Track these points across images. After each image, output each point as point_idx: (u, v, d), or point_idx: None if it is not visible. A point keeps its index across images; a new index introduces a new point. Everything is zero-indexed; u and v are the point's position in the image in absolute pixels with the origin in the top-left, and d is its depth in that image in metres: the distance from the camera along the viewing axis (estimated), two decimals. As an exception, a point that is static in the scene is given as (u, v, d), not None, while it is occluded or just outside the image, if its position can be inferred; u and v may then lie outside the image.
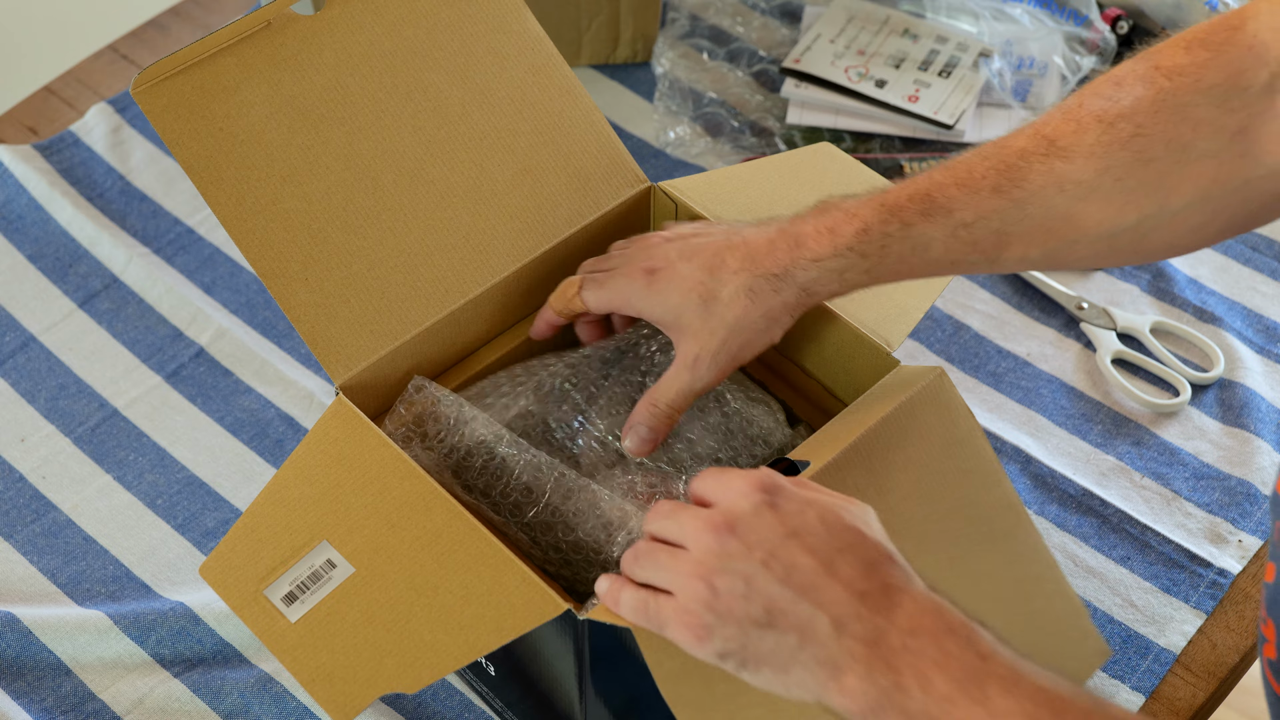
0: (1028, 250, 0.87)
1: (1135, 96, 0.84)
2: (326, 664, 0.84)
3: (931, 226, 0.87)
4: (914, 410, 0.90)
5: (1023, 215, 0.86)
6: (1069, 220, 0.86)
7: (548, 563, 0.91)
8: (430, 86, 1.00)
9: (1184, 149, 0.83)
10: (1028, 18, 1.45)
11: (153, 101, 0.93)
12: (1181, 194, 0.84)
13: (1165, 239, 0.87)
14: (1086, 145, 0.85)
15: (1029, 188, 0.86)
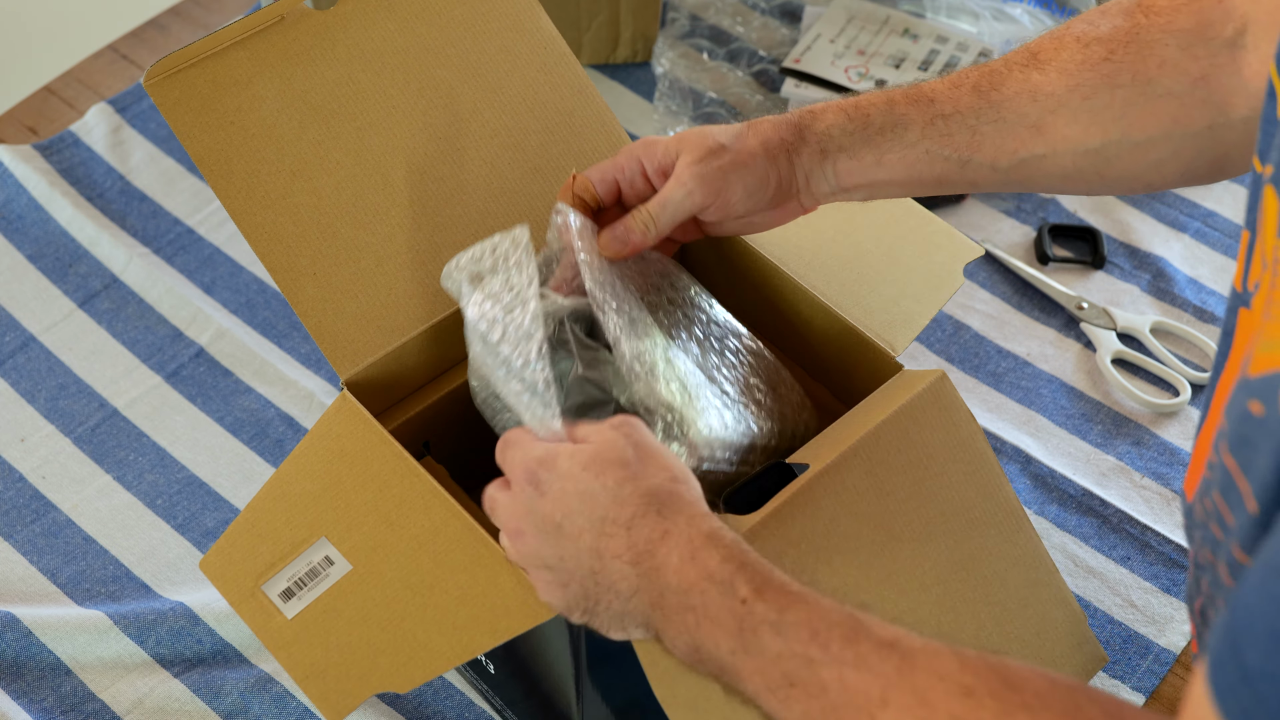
0: (997, 156, 0.91)
1: (1113, 25, 0.89)
2: (320, 661, 0.84)
3: (912, 109, 0.91)
4: (915, 413, 0.90)
5: (996, 117, 0.90)
6: (1038, 130, 0.89)
7: None
8: (442, 83, 1.00)
9: (1149, 83, 0.87)
10: (1028, 17, 1.45)
11: (165, 94, 0.93)
12: (1144, 127, 0.88)
13: (1127, 168, 0.90)
14: (1061, 61, 0.89)
15: (1005, 92, 0.90)
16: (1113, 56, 0.88)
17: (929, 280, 1.02)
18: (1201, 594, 0.77)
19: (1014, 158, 0.90)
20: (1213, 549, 0.72)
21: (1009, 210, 1.37)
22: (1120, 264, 1.33)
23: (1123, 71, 0.87)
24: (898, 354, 0.97)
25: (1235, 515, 0.65)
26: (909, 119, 0.91)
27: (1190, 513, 0.76)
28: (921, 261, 1.03)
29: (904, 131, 0.91)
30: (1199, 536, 0.75)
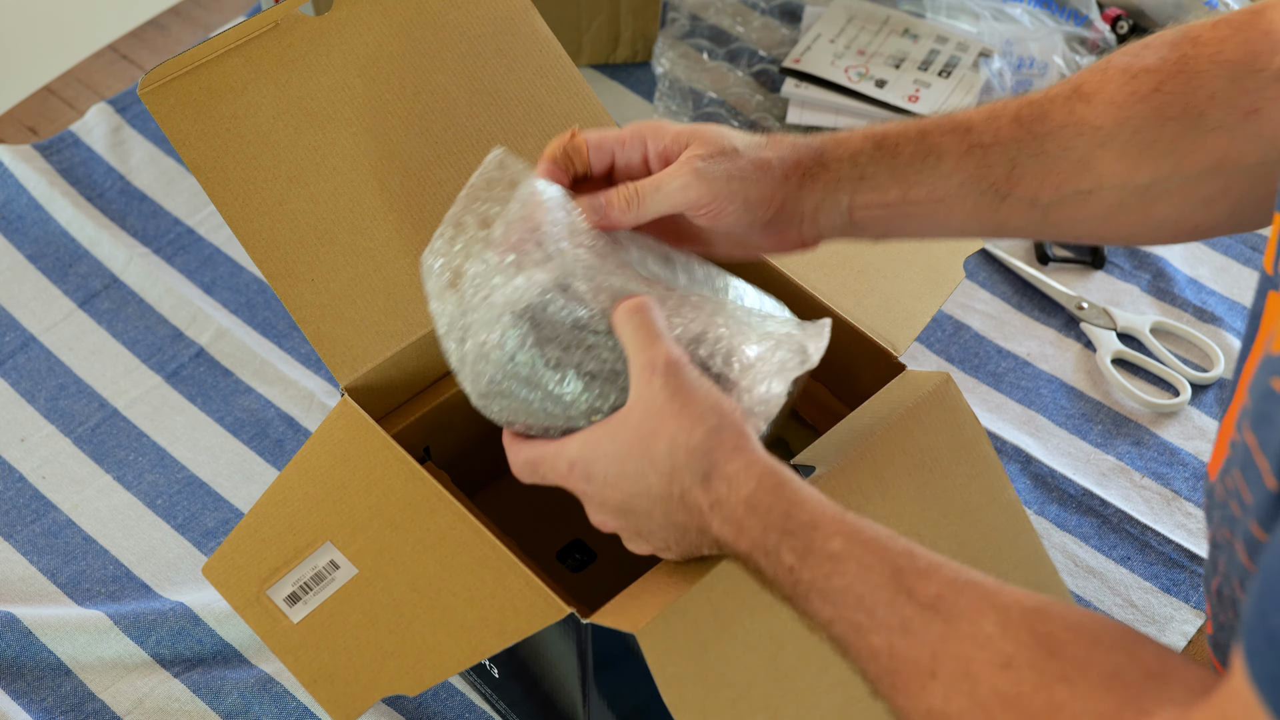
0: (1038, 191, 0.86)
1: (1160, 57, 0.85)
2: (328, 665, 0.84)
3: (947, 139, 0.86)
4: (920, 416, 0.90)
5: (1039, 150, 0.85)
6: (1083, 165, 0.85)
7: None
8: (438, 88, 1.00)
9: (1199, 116, 0.83)
10: (1028, 18, 1.45)
11: (160, 102, 0.93)
12: (1195, 161, 0.84)
13: (1175, 206, 0.86)
14: (1108, 93, 0.85)
15: (1049, 124, 0.86)
16: (1162, 88, 0.84)
17: (929, 277, 1.02)
18: (1218, 574, 0.77)
19: (1056, 194, 0.86)
20: (1231, 528, 0.72)
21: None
22: (1120, 264, 1.34)
23: (1173, 104, 0.84)
24: (899, 354, 0.97)
25: (1253, 492, 0.65)
26: (943, 148, 0.86)
27: (1211, 492, 0.76)
28: (921, 257, 1.03)
29: (937, 162, 0.86)
30: (1218, 516, 0.75)
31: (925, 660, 0.68)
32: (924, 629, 0.68)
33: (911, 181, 0.86)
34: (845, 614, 0.71)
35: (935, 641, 0.68)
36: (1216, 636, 0.82)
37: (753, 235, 0.88)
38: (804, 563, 0.73)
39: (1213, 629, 0.82)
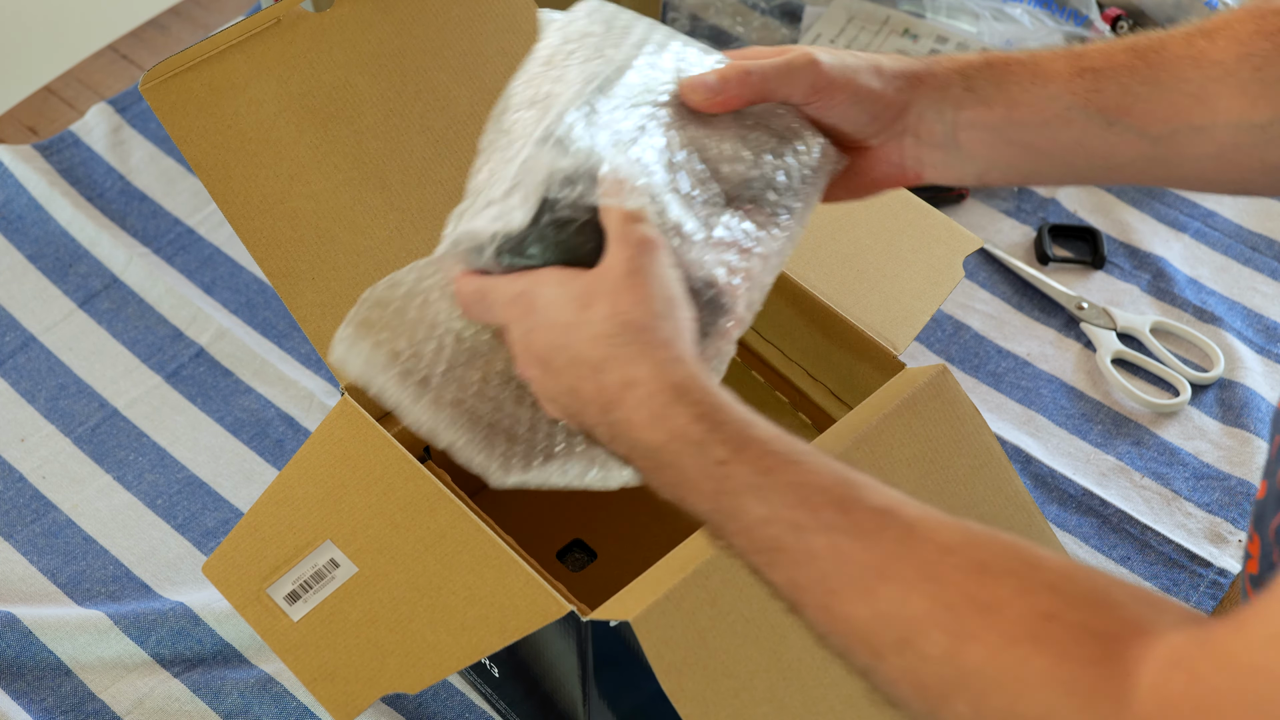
0: (1149, 123, 0.82)
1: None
2: (329, 663, 0.84)
3: (1058, 62, 0.83)
4: (918, 407, 0.90)
5: (1153, 79, 0.82)
6: (1199, 99, 0.82)
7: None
8: (439, 86, 1.00)
9: None
10: (1028, 18, 1.45)
11: (161, 98, 0.93)
12: None
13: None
14: (1233, 29, 0.82)
15: (1166, 55, 0.82)
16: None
17: (929, 275, 1.02)
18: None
19: (1168, 126, 0.82)
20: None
21: (1009, 210, 1.37)
22: (1120, 264, 1.34)
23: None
24: (899, 352, 0.97)
25: None
26: (1053, 70, 0.82)
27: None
28: (920, 256, 1.03)
29: (1046, 83, 0.82)
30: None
31: (876, 561, 0.62)
32: (878, 530, 0.63)
33: (1018, 100, 0.83)
34: (783, 513, 0.64)
35: (890, 544, 0.62)
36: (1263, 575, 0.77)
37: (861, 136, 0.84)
38: (739, 456, 0.66)
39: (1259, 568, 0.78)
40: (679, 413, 0.68)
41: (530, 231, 0.74)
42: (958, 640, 0.59)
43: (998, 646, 0.59)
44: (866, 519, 0.63)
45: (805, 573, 0.64)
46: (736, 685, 0.80)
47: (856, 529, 0.63)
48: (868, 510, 0.64)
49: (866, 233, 1.03)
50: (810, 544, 0.64)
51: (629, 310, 0.70)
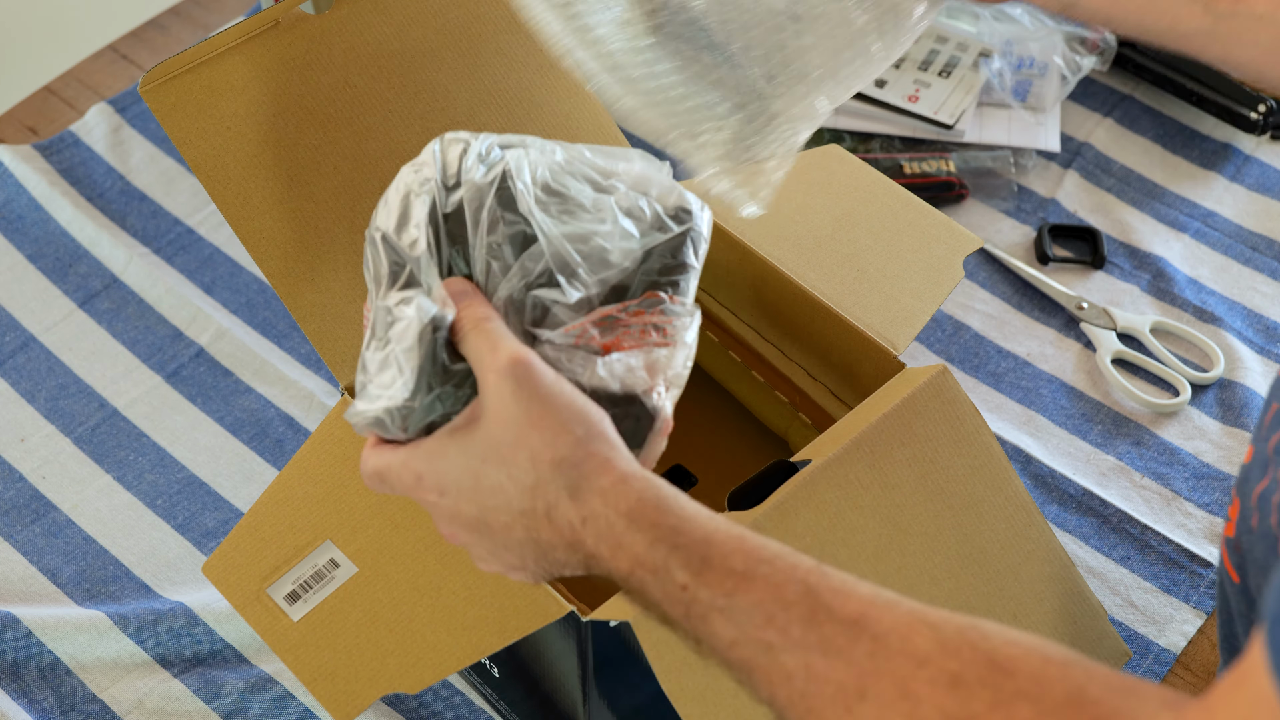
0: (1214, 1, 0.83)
1: None
2: (328, 663, 0.84)
3: None
4: (917, 407, 0.90)
5: None
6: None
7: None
8: (438, 87, 1.00)
9: None
10: (1028, 18, 1.45)
11: (160, 100, 0.93)
12: None
13: None
14: None
15: None
16: None
17: (928, 275, 1.02)
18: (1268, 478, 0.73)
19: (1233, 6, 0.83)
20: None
21: (1009, 210, 1.37)
22: (1120, 264, 1.34)
23: None
24: (899, 352, 0.97)
25: None
26: None
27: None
28: (920, 255, 1.03)
29: None
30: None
31: (852, 681, 0.61)
32: (849, 646, 0.62)
33: None
34: (752, 633, 0.64)
35: (863, 660, 0.61)
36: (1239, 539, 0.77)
37: None
38: (700, 579, 0.65)
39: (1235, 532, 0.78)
40: (635, 540, 0.67)
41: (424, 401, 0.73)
42: None
43: None
44: (836, 634, 0.63)
45: (783, 693, 0.63)
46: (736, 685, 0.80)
47: (827, 646, 0.62)
48: (837, 624, 0.63)
49: (866, 233, 1.03)
50: (783, 664, 0.63)
51: (548, 449, 0.68)
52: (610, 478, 0.68)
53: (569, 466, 0.68)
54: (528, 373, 0.69)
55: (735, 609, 0.65)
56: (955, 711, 0.59)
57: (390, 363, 0.74)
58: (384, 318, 0.75)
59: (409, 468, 0.73)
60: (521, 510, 0.69)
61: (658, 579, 0.67)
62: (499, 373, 0.69)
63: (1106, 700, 0.58)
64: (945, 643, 0.61)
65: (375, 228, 0.77)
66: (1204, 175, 1.41)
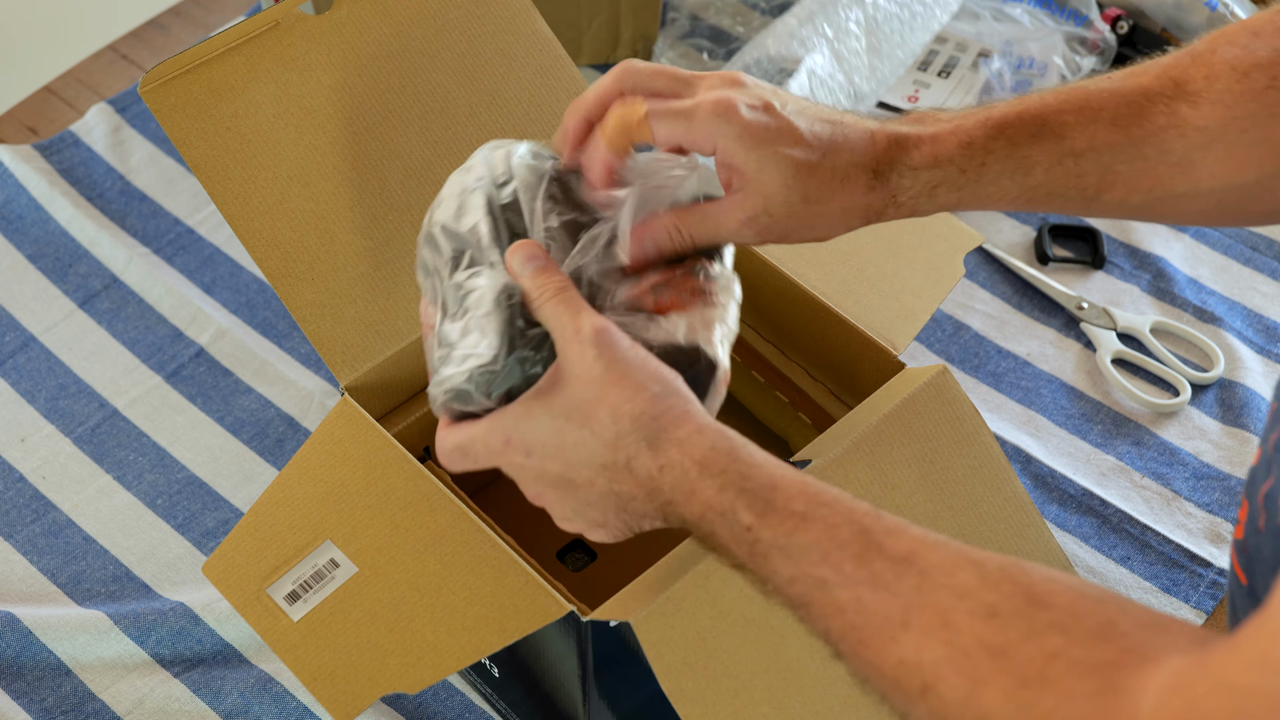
0: (1129, 195, 0.83)
1: (1273, 48, 0.80)
2: (328, 663, 0.84)
3: (1038, 150, 0.82)
4: (917, 407, 0.90)
5: (1136, 155, 0.82)
6: (1183, 169, 0.82)
7: None
8: (438, 87, 1.00)
9: None
10: (1028, 18, 1.45)
11: (160, 101, 0.93)
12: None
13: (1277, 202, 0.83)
14: (1215, 92, 0.81)
15: (1149, 127, 0.81)
16: (1276, 84, 0.79)
17: (929, 273, 1.02)
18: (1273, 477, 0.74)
19: (1149, 195, 0.83)
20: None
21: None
22: (1120, 264, 1.34)
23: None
24: (899, 352, 0.97)
25: None
26: (1033, 161, 0.82)
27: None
28: (920, 254, 1.03)
29: (1025, 175, 0.82)
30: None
31: (897, 612, 0.65)
32: (896, 581, 0.66)
33: (994, 196, 0.83)
34: (809, 570, 0.68)
35: (909, 593, 0.65)
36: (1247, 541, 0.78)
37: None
38: (763, 521, 0.70)
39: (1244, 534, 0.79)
40: (707, 486, 0.71)
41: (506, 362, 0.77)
42: (974, 684, 0.62)
43: (1009, 689, 0.61)
44: (885, 570, 0.66)
45: (836, 625, 0.67)
46: (736, 685, 0.80)
47: (876, 581, 0.66)
48: (886, 561, 0.67)
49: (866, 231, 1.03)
50: (836, 598, 0.67)
51: (628, 404, 0.73)
52: (685, 429, 0.73)
53: (647, 420, 0.73)
54: (608, 339, 0.75)
55: (794, 547, 0.69)
56: (991, 639, 0.62)
57: (472, 328, 0.78)
58: (455, 294, 0.79)
59: (496, 432, 0.77)
60: (604, 464, 0.74)
61: (725, 521, 0.71)
62: (582, 340, 0.75)
63: (1136, 634, 0.60)
64: (986, 577, 0.64)
65: (432, 223, 0.82)
66: (1204, 175, 1.41)
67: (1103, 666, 0.59)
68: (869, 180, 0.81)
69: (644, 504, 0.74)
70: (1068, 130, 0.82)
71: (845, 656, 0.67)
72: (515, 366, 0.77)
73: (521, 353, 0.77)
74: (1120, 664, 0.59)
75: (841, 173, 0.80)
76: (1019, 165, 0.82)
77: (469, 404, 0.78)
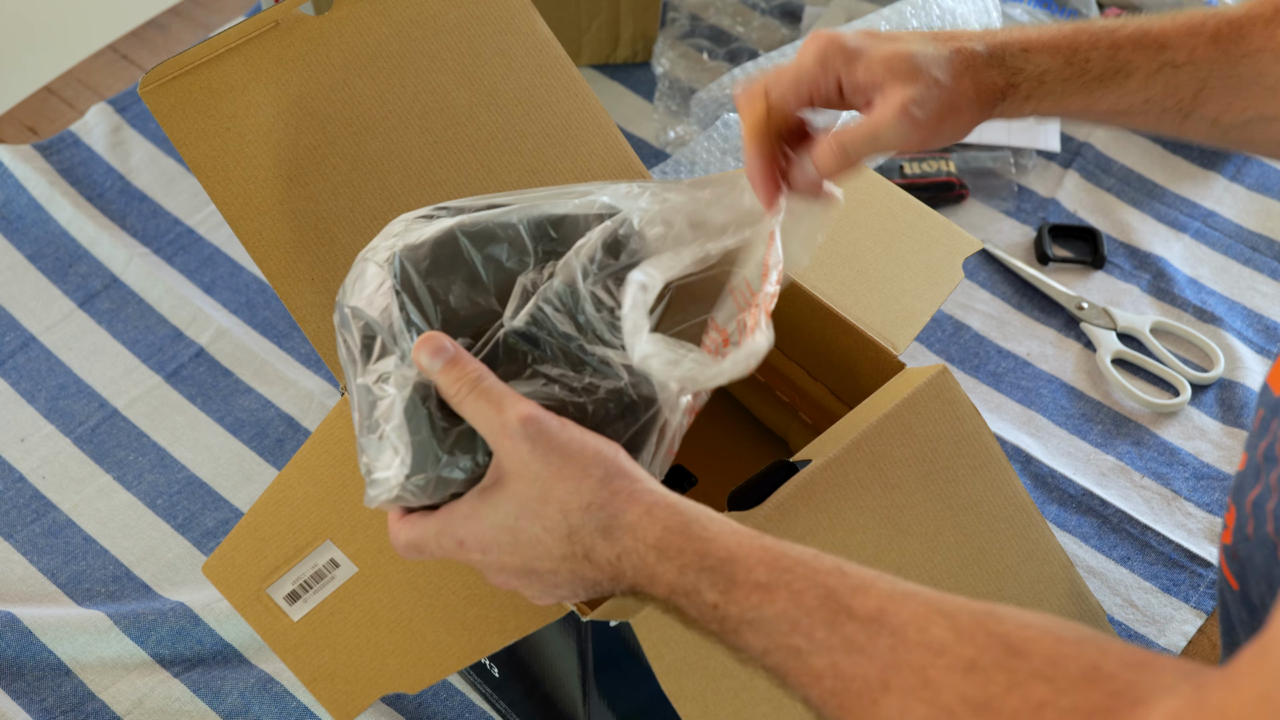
0: (1223, 113, 0.84)
1: None
2: (328, 663, 0.84)
3: (1139, 56, 0.84)
4: (917, 407, 0.90)
5: (1232, 74, 0.83)
6: (1275, 92, 0.83)
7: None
8: (437, 87, 1.00)
9: None
10: (1028, 18, 1.45)
11: (160, 101, 0.93)
12: None
13: None
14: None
15: (1247, 46, 0.83)
16: None
17: (928, 276, 1.02)
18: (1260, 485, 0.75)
19: (1240, 116, 0.84)
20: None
21: (1009, 210, 1.37)
22: (1120, 264, 1.34)
23: None
24: (899, 352, 0.97)
25: None
26: (1133, 65, 0.84)
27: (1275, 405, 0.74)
28: (920, 257, 1.03)
29: (1125, 79, 0.84)
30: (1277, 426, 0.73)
31: (875, 674, 0.64)
32: (869, 643, 0.65)
33: (1096, 96, 0.84)
34: (781, 641, 0.67)
35: (884, 654, 0.64)
36: (1236, 547, 0.78)
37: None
38: (728, 598, 0.69)
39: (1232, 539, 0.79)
40: (665, 569, 0.71)
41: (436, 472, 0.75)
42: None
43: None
44: (857, 633, 0.66)
45: (815, 693, 0.67)
46: (736, 686, 0.80)
47: (850, 645, 0.65)
48: (857, 623, 0.66)
49: (866, 233, 1.03)
50: (811, 666, 0.66)
51: (574, 497, 0.72)
52: (634, 512, 0.72)
53: (596, 509, 0.72)
54: (539, 428, 0.73)
55: (762, 620, 0.68)
56: (973, 695, 0.61)
57: (385, 445, 0.75)
58: (365, 398, 0.76)
59: (447, 535, 0.76)
60: (563, 556, 0.73)
61: (690, 601, 0.70)
62: (512, 435, 0.73)
63: (1121, 675, 0.59)
64: (961, 630, 0.63)
65: (341, 305, 0.79)
66: (1204, 175, 1.41)
67: (1093, 713, 0.58)
68: (989, 59, 0.83)
69: (610, 585, 0.74)
70: (1169, 41, 0.83)
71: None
72: (452, 470, 0.75)
73: (451, 457, 0.75)
74: (1110, 710, 0.58)
75: (964, 56, 0.83)
76: (1120, 68, 0.83)
77: (411, 505, 0.77)
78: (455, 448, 0.75)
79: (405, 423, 0.75)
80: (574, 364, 0.78)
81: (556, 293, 0.78)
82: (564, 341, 0.78)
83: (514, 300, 0.78)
